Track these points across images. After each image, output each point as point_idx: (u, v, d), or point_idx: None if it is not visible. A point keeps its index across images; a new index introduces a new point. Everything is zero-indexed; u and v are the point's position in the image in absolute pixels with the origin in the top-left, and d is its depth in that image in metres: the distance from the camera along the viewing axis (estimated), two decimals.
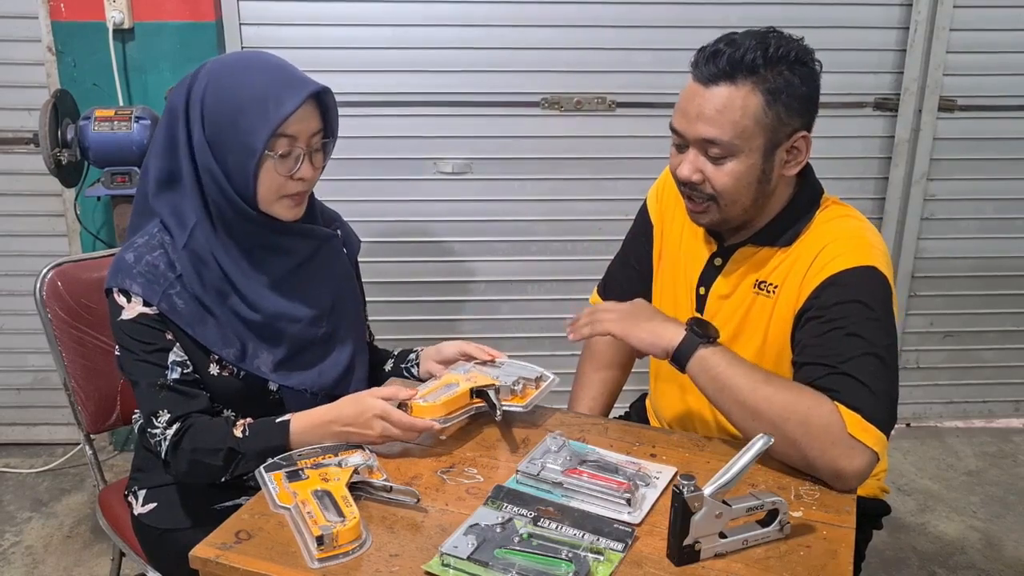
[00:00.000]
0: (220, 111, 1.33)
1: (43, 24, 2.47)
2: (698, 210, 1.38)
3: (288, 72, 1.36)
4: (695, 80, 1.32)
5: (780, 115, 1.30)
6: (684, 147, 1.35)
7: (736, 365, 1.28)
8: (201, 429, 1.33)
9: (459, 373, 1.42)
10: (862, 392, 1.23)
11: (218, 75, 1.35)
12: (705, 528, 1.07)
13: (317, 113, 1.36)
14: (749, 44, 1.29)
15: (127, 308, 1.35)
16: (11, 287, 2.69)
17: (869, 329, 1.28)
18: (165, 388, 1.34)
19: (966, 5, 2.65)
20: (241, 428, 1.32)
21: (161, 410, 1.33)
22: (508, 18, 2.58)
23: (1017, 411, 3.10)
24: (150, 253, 1.36)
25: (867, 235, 1.37)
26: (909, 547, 2.41)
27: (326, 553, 1.05)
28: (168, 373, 1.34)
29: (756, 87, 1.29)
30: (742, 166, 1.32)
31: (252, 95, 1.31)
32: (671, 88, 2.66)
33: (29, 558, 2.33)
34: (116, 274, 1.36)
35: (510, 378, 1.41)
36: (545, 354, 2.83)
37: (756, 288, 1.41)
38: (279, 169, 1.34)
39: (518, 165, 2.71)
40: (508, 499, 1.17)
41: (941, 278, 2.91)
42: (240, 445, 1.31)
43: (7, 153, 2.60)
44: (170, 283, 1.34)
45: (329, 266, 1.50)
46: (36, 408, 2.82)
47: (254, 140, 1.30)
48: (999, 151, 2.81)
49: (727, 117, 1.29)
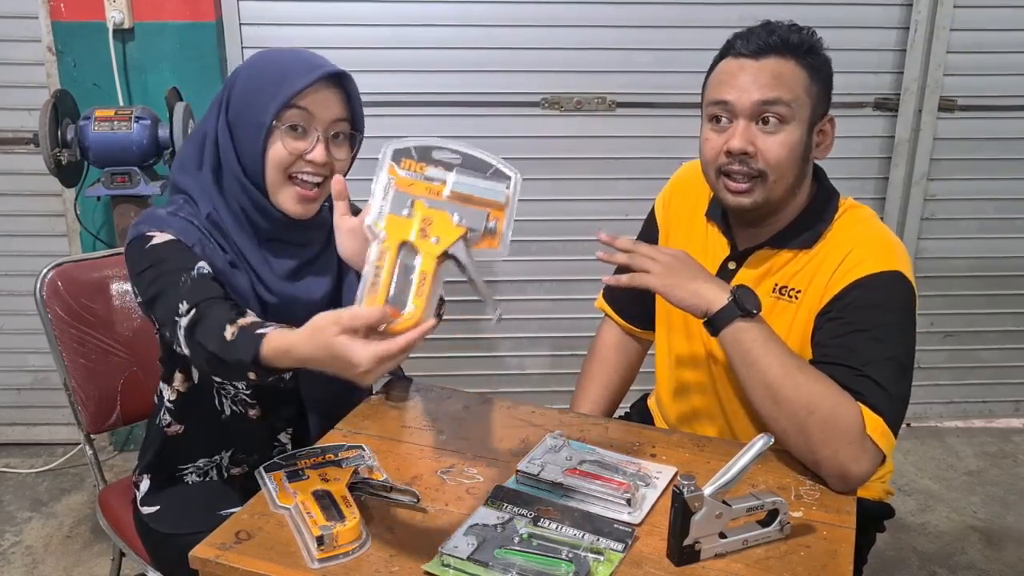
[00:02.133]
0: (243, 93, 1.33)
1: (43, 24, 2.47)
2: (741, 189, 1.35)
3: (312, 55, 1.35)
4: (738, 56, 1.35)
5: (819, 92, 1.36)
6: (726, 123, 1.35)
7: (771, 345, 1.26)
8: (210, 320, 1.18)
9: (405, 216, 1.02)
10: (883, 396, 1.24)
11: (249, 64, 1.37)
12: (705, 528, 1.07)
13: (340, 99, 1.35)
14: (791, 28, 1.35)
15: (159, 236, 1.29)
16: (11, 287, 2.69)
17: (892, 334, 1.29)
18: (188, 282, 1.23)
19: (966, 5, 2.65)
20: (232, 330, 1.15)
21: (181, 302, 1.21)
22: (508, 18, 2.58)
23: (1017, 411, 3.10)
24: (180, 213, 1.34)
25: (892, 239, 1.38)
26: (909, 547, 2.41)
27: (326, 553, 1.05)
28: (193, 272, 1.25)
29: (799, 63, 1.34)
30: (793, 136, 1.33)
31: (273, 74, 1.32)
32: (671, 88, 2.69)
33: (29, 558, 2.33)
34: (147, 222, 1.32)
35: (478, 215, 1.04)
36: (545, 354, 2.84)
37: (776, 293, 1.40)
38: (287, 144, 1.31)
39: (518, 165, 2.66)
40: (508, 499, 1.17)
41: (941, 278, 2.91)
42: (223, 351, 1.14)
43: (7, 153, 2.59)
44: (202, 238, 1.33)
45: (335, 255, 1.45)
46: (36, 408, 2.81)
47: (265, 114, 1.30)
48: (999, 151, 2.81)
49: (783, 82, 1.32)
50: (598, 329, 1.71)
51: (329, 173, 1.35)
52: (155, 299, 1.26)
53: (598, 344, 1.69)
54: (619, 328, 1.67)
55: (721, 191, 1.38)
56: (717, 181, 1.38)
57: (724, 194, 1.38)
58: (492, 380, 2.84)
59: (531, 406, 1.47)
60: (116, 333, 1.72)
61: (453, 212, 1.03)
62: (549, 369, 2.87)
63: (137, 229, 1.33)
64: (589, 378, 1.68)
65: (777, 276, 1.40)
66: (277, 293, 1.39)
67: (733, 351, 1.28)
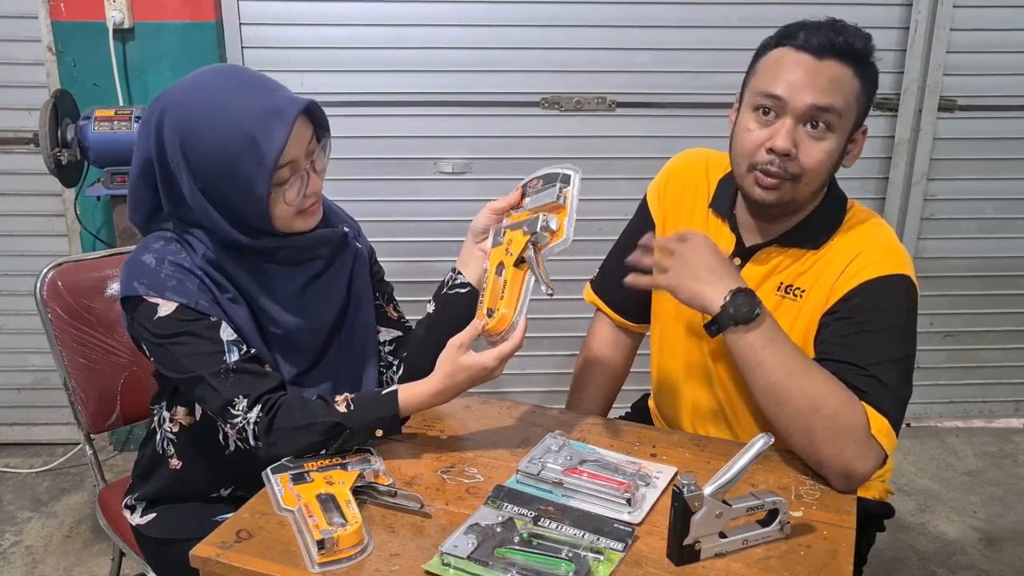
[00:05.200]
0: (210, 164, 1.24)
1: (43, 24, 2.47)
2: (771, 184, 1.32)
3: (263, 94, 1.25)
4: (799, 50, 1.29)
5: (865, 104, 1.33)
6: (772, 116, 1.31)
7: (774, 345, 1.25)
8: (294, 407, 1.25)
9: (499, 243, 1.31)
10: (888, 396, 1.25)
11: (185, 121, 1.23)
12: (705, 528, 1.07)
13: (307, 123, 1.28)
14: (856, 32, 1.30)
15: (163, 305, 1.26)
16: (11, 287, 2.69)
17: (898, 336, 1.30)
18: (231, 372, 1.25)
19: (966, 5, 2.65)
20: (345, 403, 1.26)
21: (236, 396, 1.24)
22: (508, 18, 2.59)
23: (1017, 411, 3.10)
24: (171, 254, 1.29)
25: (898, 244, 1.38)
26: (909, 547, 2.41)
27: (327, 558, 1.05)
28: (228, 356, 1.26)
29: (856, 72, 1.30)
30: (834, 144, 1.32)
31: (238, 137, 1.21)
32: (671, 88, 2.70)
33: (29, 558, 2.33)
34: (138, 280, 1.27)
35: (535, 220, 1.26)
36: (545, 354, 2.84)
37: (781, 291, 1.39)
38: (288, 198, 1.27)
39: (518, 165, 2.70)
40: (508, 499, 1.17)
41: (941, 278, 2.91)
42: (347, 419, 1.24)
43: (7, 153, 2.60)
44: (197, 285, 1.28)
45: (343, 269, 1.44)
46: (36, 408, 2.82)
47: (257, 187, 1.23)
48: (999, 151, 2.81)
49: (839, 90, 1.29)
50: (590, 325, 1.69)
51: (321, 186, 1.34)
52: (191, 380, 1.28)
53: (592, 342, 1.67)
54: (612, 322, 1.65)
55: (749, 183, 1.35)
56: (748, 173, 1.34)
57: (752, 187, 1.34)
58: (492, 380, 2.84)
59: (531, 406, 1.48)
60: (116, 333, 1.71)
61: (522, 226, 1.28)
62: (549, 369, 2.87)
63: (131, 286, 1.28)
64: (584, 377, 1.67)
65: (783, 275, 1.40)
66: (282, 325, 1.35)
67: (735, 353, 1.28)
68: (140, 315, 1.28)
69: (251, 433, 1.26)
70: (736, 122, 1.38)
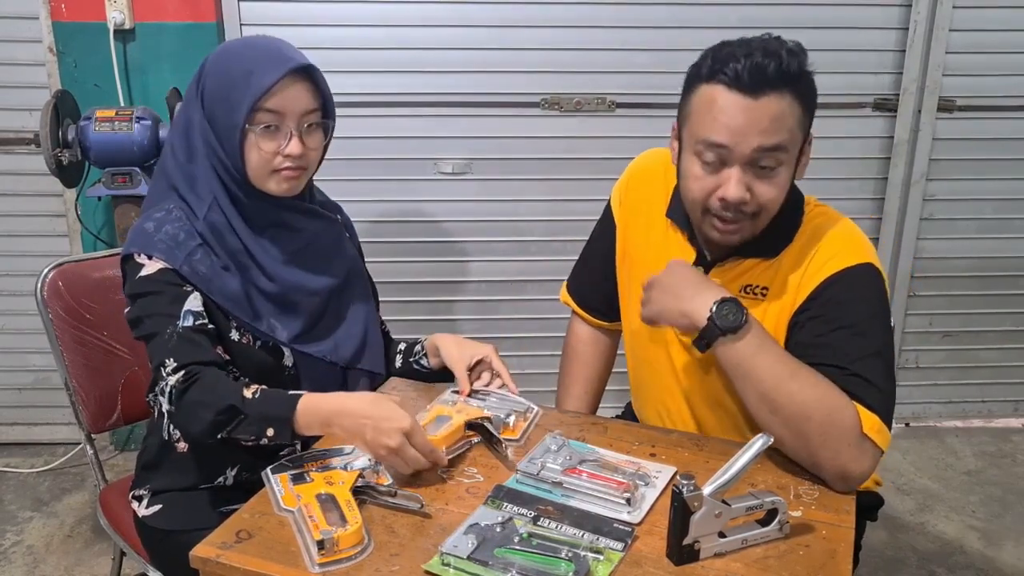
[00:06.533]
0: (214, 88, 1.36)
1: (44, 24, 2.47)
2: (731, 230, 1.31)
3: (276, 48, 1.37)
4: (733, 91, 1.23)
5: (808, 120, 1.29)
6: (718, 166, 1.27)
7: (762, 355, 1.25)
8: (211, 381, 1.27)
9: (447, 406, 1.39)
10: (875, 392, 1.24)
11: (218, 55, 1.39)
12: (704, 528, 1.07)
13: (309, 91, 1.37)
14: (783, 53, 1.23)
15: (148, 265, 1.34)
16: (12, 287, 2.69)
17: (873, 327, 1.29)
18: (175, 336, 1.30)
19: (966, 5, 2.65)
20: (253, 390, 1.27)
21: (168, 358, 1.28)
22: (508, 18, 2.59)
23: (1016, 411, 3.11)
24: (170, 224, 1.36)
25: (857, 232, 1.37)
26: (908, 547, 2.42)
27: (327, 558, 1.05)
28: (180, 322, 1.31)
29: (795, 95, 1.25)
30: (786, 174, 1.29)
31: (240, 69, 1.34)
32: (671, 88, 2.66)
33: (30, 557, 2.33)
34: (135, 241, 1.36)
35: (501, 411, 1.39)
36: (544, 354, 2.83)
37: (742, 292, 1.38)
38: (263, 145, 1.35)
39: (518, 165, 2.71)
40: (508, 499, 1.17)
41: (940, 278, 2.91)
42: (245, 405, 1.25)
43: (8, 153, 2.60)
44: (191, 250, 1.35)
45: (338, 245, 1.53)
46: (37, 408, 2.82)
47: (237, 115, 1.33)
48: (999, 151, 2.81)
49: (783, 125, 1.24)
50: (568, 325, 1.71)
51: (306, 162, 1.39)
52: (144, 338, 1.34)
53: (571, 340, 1.69)
54: (585, 322, 1.68)
55: (707, 227, 1.33)
56: (704, 217, 1.32)
57: (710, 230, 1.33)
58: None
59: None
60: (117, 333, 1.72)
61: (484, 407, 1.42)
62: (549, 369, 2.86)
63: (129, 245, 1.37)
64: (569, 377, 1.68)
65: (745, 278, 1.39)
66: (279, 280, 1.42)
67: (726, 364, 1.29)
68: (128, 273, 1.36)
69: (166, 398, 1.27)
70: (680, 164, 1.34)
